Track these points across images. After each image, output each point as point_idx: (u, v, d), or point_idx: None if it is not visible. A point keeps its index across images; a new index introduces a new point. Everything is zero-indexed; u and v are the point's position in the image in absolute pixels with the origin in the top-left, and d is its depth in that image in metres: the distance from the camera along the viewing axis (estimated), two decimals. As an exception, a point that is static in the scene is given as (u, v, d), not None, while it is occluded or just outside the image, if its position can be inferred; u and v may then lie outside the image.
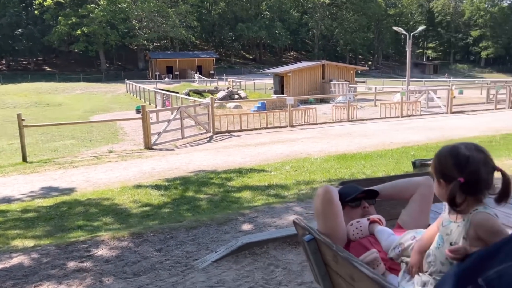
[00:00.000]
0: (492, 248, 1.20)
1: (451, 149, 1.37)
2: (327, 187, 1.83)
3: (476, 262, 1.21)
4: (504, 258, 1.14)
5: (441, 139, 10.98)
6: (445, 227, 1.41)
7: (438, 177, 1.39)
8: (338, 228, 1.84)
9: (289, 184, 6.52)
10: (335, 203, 1.81)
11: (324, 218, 1.82)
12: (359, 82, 32.86)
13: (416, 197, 2.02)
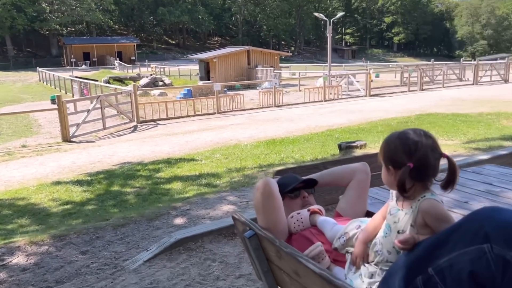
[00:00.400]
0: (441, 236, 1.18)
1: (400, 135, 1.34)
2: (267, 180, 1.75)
3: (426, 252, 1.19)
4: (453, 247, 1.13)
5: (362, 121, 11.49)
6: (392, 215, 1.39)
7: (386, 163, 1.36)
8: (279, 221, 1.77)
9: (220, 172, 6.41)
10: (275, 196, 1.74)
11: (265, 212, 1.74)
12: (284, 68, 33.41)
13: (354, 184, 2.02)
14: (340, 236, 1.64)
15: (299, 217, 1.82)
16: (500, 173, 2.60)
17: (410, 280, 1.20)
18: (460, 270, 1.09)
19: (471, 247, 1.09)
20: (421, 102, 15.68)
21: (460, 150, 6.11)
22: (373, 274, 1.42)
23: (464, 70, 25.23)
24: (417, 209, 1.30)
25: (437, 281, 1.14)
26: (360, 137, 8.55)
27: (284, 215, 1.81)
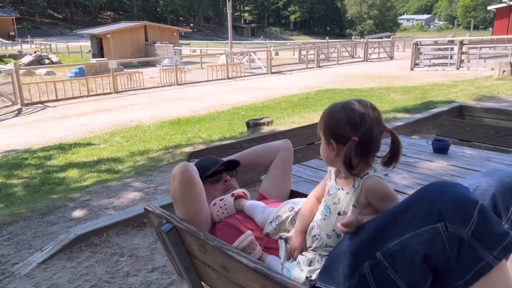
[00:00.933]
0: (389, 217, 1.08)
1: (344, 106, 1.20)
2: (185, 165, 1.53)
3: (372, 235, 1.08)
4: (404, 228, 1.03)
5: (266, 98, 11.61)
6: (332, 195, 1.27)
7: (328, 137, 1.22)
8: (201, 211, 1.57)
9: (122, 156, 5.95)
10: (196, 183, 1.53)
11: (184, 202, 1.52)
12: (184, 45, 32.48)
13: (277, 163, 1.88)
14: (272, 220, 1.49)
15: (222, 203, 1.64)
16: (409, 143, 2.68)
17: (356, 267, 1.09)
18: (412, 253, 1.00)
19: (424, 227, 1.00)
20: (319, 78, 16.32)
21: (360, 123, 6.39)
22: (311, 261, 1.29)
23: (355, 47, 26.84)
24: (360, 187, 1.19)
25: (386, 266, 1.04)
26: (266, 114, 8.60)
27: (206, 203, 1.61)
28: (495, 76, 12.32)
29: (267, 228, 1.50)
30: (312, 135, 3.01)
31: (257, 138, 2.71)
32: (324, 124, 1.23)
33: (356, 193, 1.19)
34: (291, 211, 1.47)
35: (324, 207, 1.29)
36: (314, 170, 2.25)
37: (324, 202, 1.31)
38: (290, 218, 1.45)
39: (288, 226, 1.45)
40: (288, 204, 1.52)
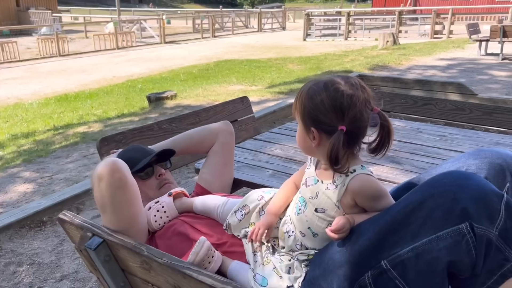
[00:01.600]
0: (396, 217, 0.91)
1: (327, 85, 0.98)
2: (114, 163, 1.20)
3: (375, 240, 0.91)
4: (417, 231, 0.87)
5: (163, 70, 11.01)
6: (309, 187, 1.07)
7: (306, 124, 1.00)
8: (138, 218, 1.27)
9: (2, 140, 5.12)
10: (130, 184, 1.22)
11: (116, 209, 1.21)
12: (64, 11, 29.39)
13: (217, 148, 1.63)
14: (238, 209, 1.26)
15: (159, 206, 1.35)
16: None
17: (355, 278, 0.92)
18: (431, 261, 0.85)
19: (445, 229, 0.85)
20: (216, 49, 15.98)
21: (268, 95, 6.34)
22: (290, 267, 1.09)
23: (249, 17, 26.79)
24: (345, 187, 1.00)
25: (395, 276, 0.88)
26: (165, 86, 8.13)
27: (142, 208, 1.31)
28: (380, 46, 13.21)
29: (230, 219, 1.26)
30: (236, 111, 2.79)
31: (178, 118, 2.40)
32: (302, 107, 1.00)
33: (339, 192, 1.01)
34: (260, 200, 1.25)
35: (300, 200, 1.10)
36: (253, 153, 2.04)
37: (299, 193, 1.11)
38: (258, 209, 1.23)
39: (255, 218, 1.23)
40: (256, 193, 1.29)
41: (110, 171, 1.17)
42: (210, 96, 6.64)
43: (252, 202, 1.26)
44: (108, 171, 1.17)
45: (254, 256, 1.18)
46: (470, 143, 2.04)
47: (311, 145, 1.02)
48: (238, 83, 8.15)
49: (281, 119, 4.84)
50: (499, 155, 1.03)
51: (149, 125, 2.27)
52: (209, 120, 2.63)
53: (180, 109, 5.90)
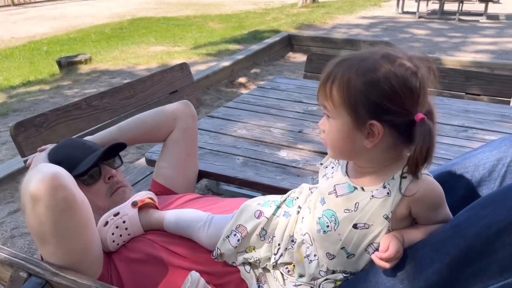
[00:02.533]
0: (472, 243, 0.70)
1: (389, 58, 0.74)
2: (53, 175, 0.86)
3: (446, 273, 0.71)
4: (509, 261, 0.67)
5: (70, 29, 9.90)
6: (342, 197, 0.83)
7: (361, 117, 0.75)
8: (93, 244, 0.95)
9: None
10: (79, 202, 0.89)
11: (63, 239, 0.89)
12: None
13: (177, 136, 1.33)
14: (230, 232, 0.98)
15: (119, 221, 1.04)
16: (296, 85, 2.38)
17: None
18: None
19: None
20: (128, 5, 14.77)
21: (195, 57, 5.92)
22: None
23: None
24: (401, 192, 0.78)
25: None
26: (75, 49, 7.31)
27: (96, 228, 0.99)
28: (300, 4, 13.10)
29: (222, 247, 0.99)
30: (175, 80, 2.44)
31: (110, 92, 2.01)
32: (350, 92, 0.75)
33: (392, 199, 0.78)
34: (259, 218, 0.98)
35: (326, 214, 0.86)
36: (213, 135, 1.74)
37: (323, 204, 0.87)
38: (259, 230, 0.97)
39: (256, 242, 0.97)
40: (250, 206, 1.01)
41: (50, 189, 0.83)
42: (130, 59, 6.05)
43: (248, 221, 0.99)
44: (47, 189, 0.83)
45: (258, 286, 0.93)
46: (441, 111, 1.95)
47: (362, 146, 0.77)
48: (158, 43, 7.56)
49: (215, 84, 4.52)
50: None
51: (76, 102, 1.87)
52: (147, 92, 2.27)
53: (98, 75, 5.30)
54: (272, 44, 5.68)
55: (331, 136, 0.81)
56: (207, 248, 1.02)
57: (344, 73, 0.75)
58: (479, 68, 4.83)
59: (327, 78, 0.78)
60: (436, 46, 6.10)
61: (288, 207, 0.99)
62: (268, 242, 0.96)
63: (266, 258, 0.96)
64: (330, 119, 0.80)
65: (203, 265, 0.99)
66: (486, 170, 0.91)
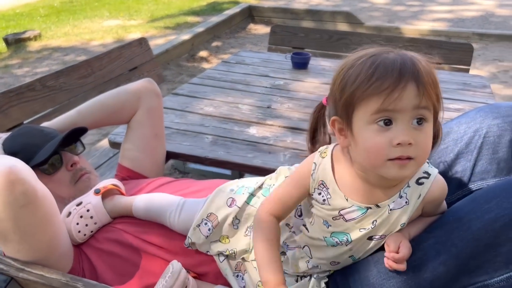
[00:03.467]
0: (479, 236, 0.70)
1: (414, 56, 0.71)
2: (10, 169, 0.79)
3: (453, 265, 0.71)
4: None
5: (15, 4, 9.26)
6: (355, 220, 0.78)
7: (437, 113, 0.72)
8: (59, 238, 0.89)
9: None
10: (40, 196, 0.83)
11: (26, 235, 0.82)
12: None
13: (142, 116, 1.27)
14: (202, 221, 0.94)
15: (82, 210, 0.98)
16: (262, 59, 2.31)
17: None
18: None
19: None
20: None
21: (152, 31, 5.70)
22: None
23: None
24: (423, 196, 0.76)
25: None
26: (23, 25, 6.86)
27: (61, 221, 0.92)
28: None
29: (193, 236, 0.94)
30: (134, 56, 2.32)
31: (66, 70, 1.88)
32: (438, 87, 0.70)
33: (412, 206, 0.76)
34: (231, 206, 0.94)
35: (335, 236, 0.81)
36: (179, 114, 1.67)
37: (331, 228, 0.81)
38: (231, 219, 0.93)
39: (228, 231, 0.93)
40: (222, 192, 0.97)
41: (7, 184, 0.76)
42: (84, 34, 5.75)
43: (219, 210, 0.95)
44: (3, 184, 0.76)
45: (238, 279, 0.90)
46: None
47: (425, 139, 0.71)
48: (113, 17, 7.22)
49: (175, 59, 4.37)
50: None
51: (29, 83, 1.75)
52: (104, 70, 2.16)
53: (49, 52, 5.01)
54: (233, 16, 5.54)
55: (428, 144, 0.70)
56: (181, 233, 0.98)
57: (425, 69, 0.69)
58: (437, 36, 4.92)
59: (420, 76, 0.68)
60: (395, 15, 6.15)
61: (264, 197, 0.95)
62: (245, 235, 0.93)
63: (243, 251, 0.93)
64: (425, 124, 0.69)
65: (179, 254, 0.95)
66: (464, 143, 0.91)
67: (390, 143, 0.66)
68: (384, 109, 0.66)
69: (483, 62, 4.30)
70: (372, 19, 5.94)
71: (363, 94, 0.67)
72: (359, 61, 0.70)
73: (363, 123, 0.69)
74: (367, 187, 0.76)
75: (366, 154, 0.69)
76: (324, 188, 0.78)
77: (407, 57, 0.69)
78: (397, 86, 0.65)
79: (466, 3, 6.76)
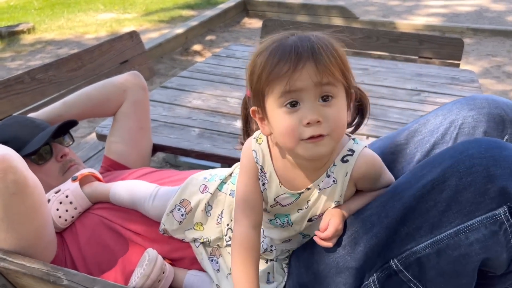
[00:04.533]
0: (408, 203, 0.71)
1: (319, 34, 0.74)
2: (1, 156, 0.80)
3: (384, 235, 0.72)
4: (439, 219, 0.68)
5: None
6: (291, 205, 0.82)
7: (350, 84, 0.74)
8: (46, 228, 0.91)
9: None
10: (30, 185, 0.85)
11: (14, 224, 0.85)
12: None
13: (127, 109, 1.28)
14: (174, 207, 0.96)
15: (61, 196, 1.00)
16: (252, 53, 2.32)
17: (357, 286, 0.73)
18: (459, 259, 0.68)
19: (477, 216, 0.67)
20: (72, -31, 13.87)
21: (146, 25, 5.68)
22: (269, 273, 0.87)
23: None
24: (350, 173, 0.77)
25: (408, 278, 0.71)
26: (16, 17, 6.82)
27: (49, 210, 0.93)
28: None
29: (166, 222, 0.96)
30: (126, 49, 2.32)
31: (55, 63, 1.89)
32: (344, 63, 0.71)
33: (341, 184, 0.78)
34: (204, 192, 0.96)
35: (278, 217, 0.85)
36: (167, 107, 1.68)
37: (271, 213, 0.85)
38: (204, 205, 0.95)
39: (202, 218, 0.95)
40: (195, 180, 0.99)
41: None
42: (78, 27, 5.73)
43: (192, 196, 0.96)
44: None
45: (212, 263, 0.92)
46: (395, 76, 1.97)
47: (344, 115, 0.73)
48: (107, 10, 7.19)
49: (169, 52, 4.37)
50: (496, 103, 0.89)
51: (18, 76, 1.75)
52: (95, 63, 2.16)
53: (42, 45, 5.00)
54: (227, 10, 5.53)
55: (340, 119, 0.71)
56: (155, 220, 1.00)
57: (330, 46, 0.71)
58: (431, 31, 4.93)
59: (317, 55, 0.68)
60: (390, 10, 6.16)
61: (233, 185, 0.97)
62: (217, 223, 0.95)
63: (217, 239, 0.96)
64: (333, 100, 0.70)
65: (156, 241, 0.97)
66: (440, 134, 0.92)
67: (300, 123, 0.68)
68: (287, 91, 0.68)
69: (477, 57, 4.32)
70: (367, 14, 5.94)
71: (267, 80, 0.69)
72: (263, 49, 0.72)
73: (273, 108, 0.71)
74: (298, 172, 0.78)
75: (281, 138, 0.72)
76: (263, 173, 0.80)
77: (306, 38, 0.71)
78: (296, 68, 0.67)
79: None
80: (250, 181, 0.81)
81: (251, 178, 0.81)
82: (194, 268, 0.96)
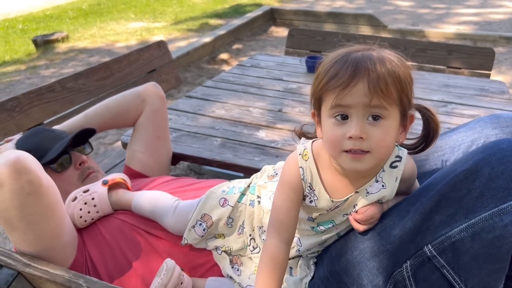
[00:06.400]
0: (441, 191, 0.73)
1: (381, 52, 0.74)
2: (16, 158, 0.84)
3: (420, 220, 0.74)
4: (473, 204, 0.70)
5: (46, 6, 9.58)
6: (337, 209, 0.85)
7: (405, 107, 0.75)
8: (64, 227, 0.94)
9: None
10: (45, 185, 0.88)
11: (31, 223, 0.88)
12: None
13: (146, 119, 1.31)
14: (196, 222, 0.97)
15: (88, 197, 1.02)
16: (277, 63, 2.33)
17: (389, 273, 0.76)
18: (493, 241, 0.68)
19: (511, 200, 0.68)
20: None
21: (175, 33, 5.79)
22: (292, 268, 0.89)
23: None
24: (399, 178, 0.81)
25: (442, 264, 0.72)
26: (52, 26, 7.07)
27: (65, 211, 0.97)
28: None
29: (188, 237, 0.98)
30: (153, 58, 2.38)
31: (85, 72, 1.95)
32: (403, 86, 0.72)
33: (391, 189, 0.81)
34: (224, 206, 0.97)
35: (322, 224, 0.88)
36: (191, 116, 1.71)
37: (317, 222, 0.88)
38: (225, 218, 0.96)
39: (223, 229, 0.96)
40: (214, 194, 1.00)
41: (13, 173, 0.81)
42: (109, 36, 5.90)
43: (213, 210, 0.98)
44: (10, 173, 0.81)
45: (233, 269, 0.93)
46: (421, 86, 1.94)
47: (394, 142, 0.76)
48: (138, 19, 7.37)
49: (196, 61, 4.44)
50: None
51: (50, 84, 1.82)
52: (123, 72, 2.22)
53: (75, 53, 5.17)
54: (255, 19, 5.58)
55: (384, 140, 0.73)
56: (174, 233, 1.01)
57: (391, 68, 0.71)
58: (462, 40, 4.83)
59: (373, 75, 0.70)
60: (419, 18, 6.06)
61: (252, 195, 0.99)
62: (239, 234, 0.96)
63: (239, 249, 0.97)
64: (382, 120, 0.72)
65: (178, 247, 0.99)
66: (461, 151, 0.92)
67: (343, 136, 0.71)
68: (337, 104, 0.71)
69: (509, 67, 4.19)
70: (395, 22, 5.87)
71: (324, 90, 0.72)
72: (332, 57, 0.74)
73: (326, 116, 0.74)
74: (346, 181, 0.80)
75: (327, 145, 0.75)
76: (311, 190, 0.82)
77: (368, 57, 0.71)
78: (348, 84, 0.69)
79: (493, 6, 6.60)
80: (288, 198, 0.82)
81: (290, 196, 0.81)
82: (214, 274, 0.97)
